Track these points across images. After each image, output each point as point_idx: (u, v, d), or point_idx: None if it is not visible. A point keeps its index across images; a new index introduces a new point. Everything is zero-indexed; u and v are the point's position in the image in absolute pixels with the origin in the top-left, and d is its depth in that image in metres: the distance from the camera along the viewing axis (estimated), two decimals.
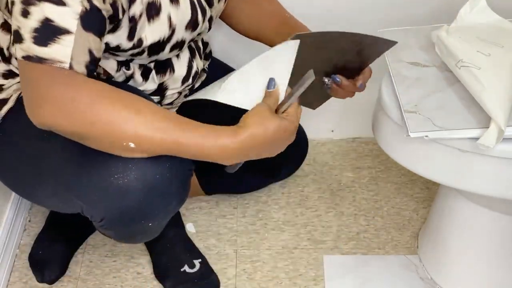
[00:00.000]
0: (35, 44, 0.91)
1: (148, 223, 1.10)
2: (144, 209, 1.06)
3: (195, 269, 1.41)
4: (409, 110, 1.06)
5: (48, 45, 0.91)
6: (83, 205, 1.07)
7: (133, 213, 1.05)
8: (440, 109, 1.06)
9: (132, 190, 1.02)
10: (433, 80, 1.13)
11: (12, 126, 1.12)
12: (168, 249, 1.42)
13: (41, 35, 0.91)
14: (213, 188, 1.55)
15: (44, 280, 1.41)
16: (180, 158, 1.01)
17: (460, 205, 1.26)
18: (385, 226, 1.54)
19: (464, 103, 1.07)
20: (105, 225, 1.10)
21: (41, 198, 1.17)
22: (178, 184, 1.07)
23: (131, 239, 1.26)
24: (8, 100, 1.12)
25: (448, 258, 1.35)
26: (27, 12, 0.91)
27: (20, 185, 1.19)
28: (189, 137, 0.96)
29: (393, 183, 1.65)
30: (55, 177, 1.08)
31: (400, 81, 1.13)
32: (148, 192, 1.03)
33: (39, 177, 1.10)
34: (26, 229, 1.55)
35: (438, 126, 1.03)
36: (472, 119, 1.04)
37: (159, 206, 1.07)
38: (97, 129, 0.93)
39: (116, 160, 1.00)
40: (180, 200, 1.11)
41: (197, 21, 1.13)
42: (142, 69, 1.15)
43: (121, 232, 1.15)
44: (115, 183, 1.01)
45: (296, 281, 1.43)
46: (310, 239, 1.52)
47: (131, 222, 1.08)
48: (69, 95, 0.92)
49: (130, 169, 1.01)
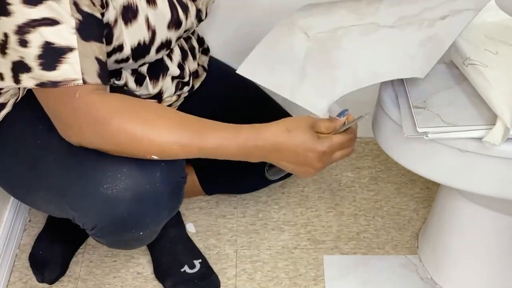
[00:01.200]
0: (44, 70, 0.91)
1: (139, 232, 1.10)
2: (135, 218, 1.05)
3: (195, 270, 1.41)
4: (417, 106, 1.06)
5: (56, 68, 0.91)
6: (74, 214, 1.07)
7: (124, 222, 1.05)
8: (449, 106, 1.06)
9: (122, 200, 1.02)
10: (443, 77, 1.13)
11: (8, 131, 1.12)
12: (168, 249, 1.42)
13: (47, 60, 0.91)
14: (213, 188, 1.55)
15: (44, 280, 1.41)
16: (172, 166, 1.03)
17: (460, 205, 1.26)
18: (385, 226, 1.54)
19: (473, 100, 1.07)
20: (97, 234, 1.10)
21: (37, 203, 1.18)
22: (169, 193, 1.07)
23: (125, 247, 1.26)
24: (6, 105, 1.12)
25: (448, 258, 1.35)
26: (25, 42, 0.90)
27: (17, 190, 1.19)
28: (208, 141, 0.97)
29: (393, 183, 1.65)
30: (48, 183, 1.08)
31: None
32: (138, 202, 1.03)
33: (34, 183, 1.11)
34: (26, 229, 1.55)
35: (446, 123, 1.03)
36: (481, 116, 1.04)
37: (150, 215, 1.07)
38: (121, 148, 0.97)
39: (106, 170, 1.01)
40: (171, 209, 1.11)
41: (179, 19, 1.12)
42: (135, 76, 1.15)
43: (113, 240, 1.15)
44: (105, 193, 1.01)
45: (296, 281, 1.43)
46: (310, 239, 1.52)
47: (122, 231, 1.08)
48: (88, 119, 0.94)
49: (120, 179, 1.01)
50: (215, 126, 0.99)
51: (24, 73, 0.93)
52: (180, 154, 0.99)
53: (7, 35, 0.91)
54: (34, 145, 1.08)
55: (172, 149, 0.97)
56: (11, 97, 1.12)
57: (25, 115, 1.11)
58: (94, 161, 1.01)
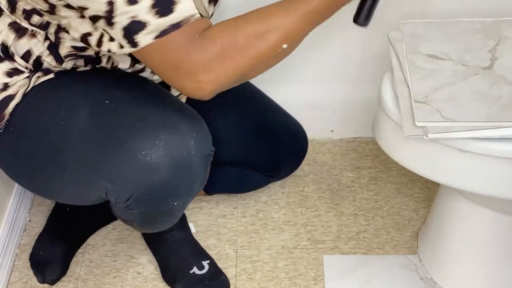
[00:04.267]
0: (162, 17, 0.92)
1: (174, 202, 1.11)
2: (171, 186, 1.07)
3: (204, 271, 1.40)
4: (418, 101, 1.07)
5: (173, 10, 0.92)
6: (109, 186, 1.08)
7: (160, 190, 1.07)
8: (450, 102, 1.07)
9: (161, 166, 1.04)
10: (447, 73, 1.13)
11: (23, 121, 1.13)
12: (175, 252, 1.42)
13: (161, 7, 0.91)
14: (213, 188, 1.55)
15: (45, 280, 1.41)
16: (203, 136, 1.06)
17: (460, 205, 1.26)
18: (385, 226, 1.54)
19: (475, 97, 1.07)
20: (131, 205, 1.10)
21: (59, 190, 1.18)
22: (201, 163, 1.09)
23: (153, 224, 1.25)
24: (15, 96, 1.12)
25: (448, 258, 1.35)
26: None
27: (34, 180, 1.19)
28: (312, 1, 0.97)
29: (393, 183, 1.65)
30: (78, 161, 1.09)
31: (414, 72, 1.13)
32: (175, 168, 1.05)
33: (58, 166, 1.11)
34: (26, 229, 1.55)
35: (445, 118, 1.03)
36: (481, 113, 1.04)
37: (185, 183, 1.09)
38: (257, 55, 0.96)
39: (144, 137, 1.02)
40: (203, 178, 1.13)
41: None
42: None
43: (146, 212, 1.15)
44: (143, 160, 1.03)
45: (296, 281, 1.43)
46: (310, 239, 1.52)
47: (158, 199, 1.09)
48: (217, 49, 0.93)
49: (158, 146, 1.03)
50: None
51: (139, 33, 0.92)
52: (305, 29, 0.98)
53: (112, 2, 0.91)
54: (57, 129, 1.09)
55: (298, 25, 0.97)
56: (20, 88, 1.12)
57: (38, 103, 1.12)
58: (128, 132, 1.03)
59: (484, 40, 1.19)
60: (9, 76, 1.12)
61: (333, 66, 1.59)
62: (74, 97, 1.12)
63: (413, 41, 1.19)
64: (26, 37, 1.08)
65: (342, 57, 1.59)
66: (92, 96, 1.11)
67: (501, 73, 1.12)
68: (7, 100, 1.12)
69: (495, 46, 1.17)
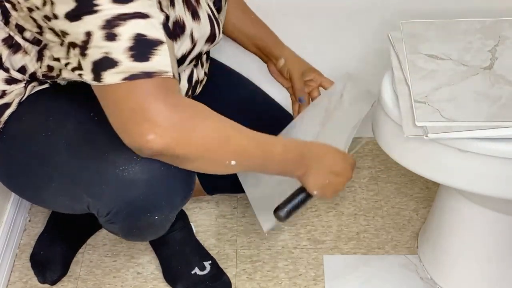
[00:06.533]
0: (136, 61, 0.89)
1: (154, 216, 1.10)
2: (150, 200, 1.06)
3: (206, 271, 1.40)
4: (418, 101, 1.07)
5: (149, 59, 0.90)
6: (89, 199, 1.08)
7: (139, 205, 1.06)
8: (450, 102, 1.07)
9: (138, 181, 1.03)
10: (447, 73, 1.13)
11: (16, 129, 1.12)
12: (177, 252, 1.42)
13: (139, 52, 0.90)
14: (214, 188, 1.55)
15: (46, 280, 1.41)
16: None
17: (460, 205, 1.26)
18: (385, 226, 1.54)
19: (475, 97, 1.07)
20: (112, 219, 1.10)
21: (48, 199, 1.18)
22: (183, 177, 1.07)
23: (139, 235, 1.24)
24: (11, 105, 1.12)
25: (448, 258, 1.35)
26: (114, 35, 0.89)
27: (26, 188, 1.19)
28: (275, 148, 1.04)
29: (393, 183, 1.65)
30: (62, 173, 1.08)
31: (414, 72, 1.13)
32: (154, 182, 1.04)
33: (46, 176, 1.11)
34: (26, 229, 1.55)
35: (445, 118, 1.03)
36: (481, 113, 1.04)
37: (164, 197, 1.08)
38: (211, 152, 0.98)
39: (121, 153, 1.01)
40: (186, 191, 1.11)
41: (215, 33, 1.13)
42: None
43: (127, 226, 1.14)
44: (121, 175, 1.02)
45: (296, 281, 1.43)
46: (310, 239, 1.52)
47: (137, 214, 1.08)
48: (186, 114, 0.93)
49: (135, 161, 1.02)
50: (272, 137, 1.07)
51: (107, 69, 0.90)
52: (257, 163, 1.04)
53: (90, 34, 0.90)
54: (45, 139, 1.09)
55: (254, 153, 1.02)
56: (16, 97, 1.12)
57: (32, 111, 1.12)
58: (108, 146, 1.02)
59: (484, 40, 1.19)
60: (8, 83, 1.11)
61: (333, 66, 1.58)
62: (63, 108, 1.12)
63: (413, 41, 1.19)
64: (21, 53, 1.07)
65: (342, 57, 1.59)
66: (79, 108, 1.10)
67: (501, 73, 1.12)
68: (3, 108, 1.12)
69: (495, 46, 1.18)
